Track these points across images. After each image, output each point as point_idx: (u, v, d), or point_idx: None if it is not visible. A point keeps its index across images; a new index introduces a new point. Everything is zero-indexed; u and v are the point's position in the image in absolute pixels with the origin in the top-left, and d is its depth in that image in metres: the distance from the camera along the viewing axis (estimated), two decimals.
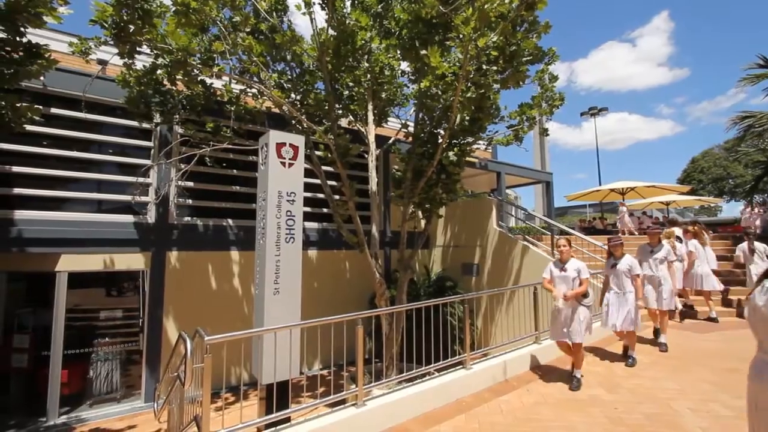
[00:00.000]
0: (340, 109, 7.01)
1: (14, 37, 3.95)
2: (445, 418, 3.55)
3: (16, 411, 5.55)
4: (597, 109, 24.35)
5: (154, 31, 4.89)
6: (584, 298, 4.22)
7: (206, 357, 2.72)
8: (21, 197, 5.51)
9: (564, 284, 4.26)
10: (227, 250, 7.00)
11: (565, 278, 4.26)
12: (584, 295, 4.22)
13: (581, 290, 4.18)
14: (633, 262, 4.78)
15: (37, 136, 5.61)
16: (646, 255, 5.47)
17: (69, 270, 5.66)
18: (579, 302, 4.19)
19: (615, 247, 4.88)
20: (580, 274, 4.22)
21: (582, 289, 4.18)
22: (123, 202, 6.21)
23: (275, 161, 4.16)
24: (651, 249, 5.48)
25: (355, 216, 6.49)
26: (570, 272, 4.25)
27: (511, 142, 7.59)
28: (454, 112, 5.51)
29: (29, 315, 5.97)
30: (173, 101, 5.96)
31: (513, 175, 12.55)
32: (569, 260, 4.32)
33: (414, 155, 6.61)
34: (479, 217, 9.02)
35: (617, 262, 4.80)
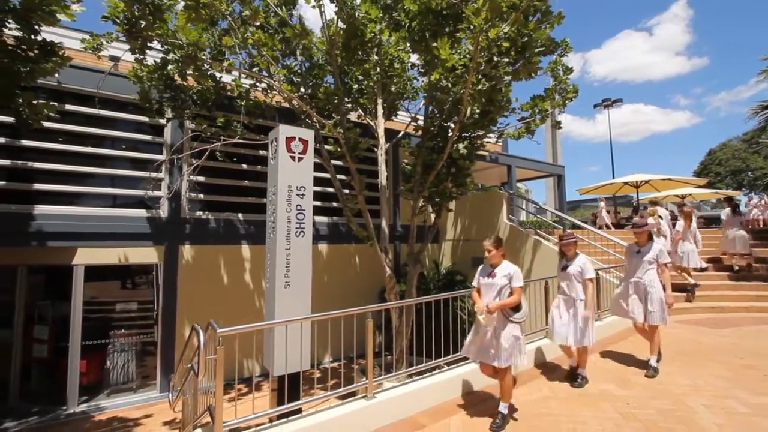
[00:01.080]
0: (349, 102, 6.99)
1: (29, 35, 4.01)
2: (455, 411, 3.56)
3: (38, 399, 5.73)
4: (611, 100, 23.86)
5: (165, 27, 4.92)
6: (515, 312, 3.29)
7: (219, 349, 2.76)
8: (39, 192, 5.64)
9: (491, 294, 3.34)
10: (238, 244, 7.08)
11: (492, 286, 3.34)
12: (515, 308, 3.30)
13: (508, 302, 3.24)
14: (586, 264, 4.07)
15: (53, 133, 5.71)
16: (631, 256, 4.55)
17: (85, 263, 5.80)
18: (507, 317, 3.28)
19: (566, 245, 4.18)
20: (511, 281, 3.29)
21: (510, 301, 3.25)
22: (136, 196, 6.32)
23: (285, 155, 4.17)
24: (638, 249, 4.49)
25: (364, 210, 6.50)
26: (498, 279, 3.32)
27: (522, 135, 7.49)
28: (464, 105, 5.45)
29: (48, 307, 6.14)
30: (184, 96, 6.01)
31: (524, 168, 12.42)
32: (500, 264, 3.40)
33: (424, 149, 6.57)
34: (490, 211, 8.95)
35: (568, 264, 4.13)
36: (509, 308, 3.29)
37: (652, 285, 4.30)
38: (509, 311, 3.29)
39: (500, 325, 3.29)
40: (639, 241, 4.49)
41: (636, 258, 4.45)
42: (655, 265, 4.33)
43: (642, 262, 4.38)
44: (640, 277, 4.37)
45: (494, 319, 3.28)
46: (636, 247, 4.49)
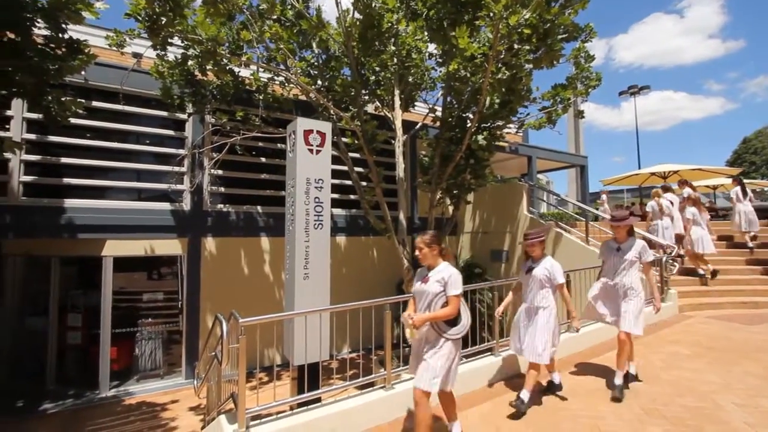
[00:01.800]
0: (366, 94, 6.96)
1: (57, 34, 4.14)
2: (474, 403, 3.55)
3: (73, 383, 6.03)
4: (638, 87, 22.94)
5: (185, 22, 5.00)
6: (449, 326, 2.64)
7: (241, 338, 2.83)
8: (69, 186, 5.86)
9: (423, 302, 2.71)
10: (258, 236, 7.21)
11: (424, 293, 2.70)
12: (450, 322, 2.64)
13: (439, 314, 2.59)
14: (554, 267, 3.48)
15: (80, 129, 5.91)
16: (609, 254, 3.85)
17: (114, 255, 6.02)
18: (440, 333, 2.63)
19: (530, 245, 3.54)
20: (446, 288, 2.63)
21: (440, 314, 2.59)
22: (160, 190, 6.49)
23: (303, 148, 4.19)
24: (617, 246, 3.78)
25: (382, 202, 6.49)
26: (431, 285, 2.67)
27: (543, 125, 7.31)
28: (483, 95, 5.35)
29: (81, 296, 6.42)
30: (204, 91, 6.11)
31: (545, 159, 12.13)
32: (436, 267, 2.73)
33: (442, 140, 6.50)
34: (509, 203, 8.81)
35: (534, 266, 3.51)
36: (443, 322, 2.63)
37: (633, 288, 3.67)
38: (442, 325, 2.63)
39: (432, 341, 2.66)
40: (618, 236, 3.80)
41: (615, 256, 3.77)
42: (637, 265, 3.70)
43: (622, 261, 3.71)
44: (620, 280, 3.71)
45: (423, 334, 2.68)
46: (615, 243, 3.82)
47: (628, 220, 3.75)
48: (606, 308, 3.86)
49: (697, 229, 7.25)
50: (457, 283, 2.66)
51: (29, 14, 3.84)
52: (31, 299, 6.34)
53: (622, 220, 3.76)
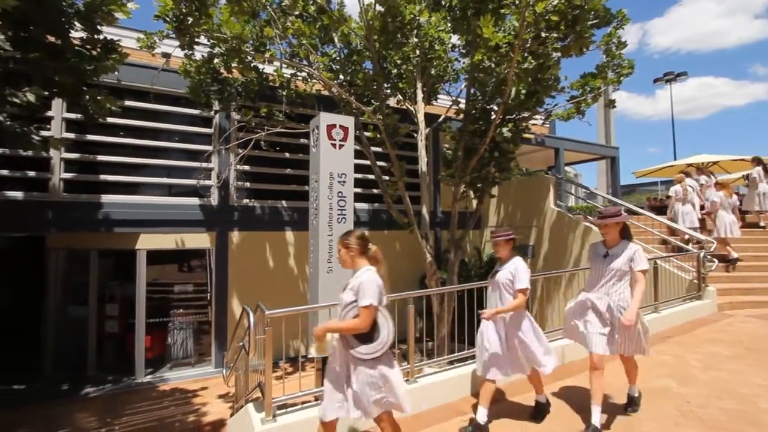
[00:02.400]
0: (388, 88, 6.92)
1: (92, 35, 4.31)
2: (498, 400, 3.50)
3: (111, 369, 6.36)
4: (674, 74, 21.79)
5: (210, 22, 5.10)
6: (361, 343, 2.22)
7: (267, 330, 2.90)
8: (105, 183, 6.14)
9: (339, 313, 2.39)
10: (283, 230, 7.34)
11: (341, 303, 2.37)
12: (362, 337, 2.23)
13: (341, 326, 2.26)
14: (520, 269, 2.96)
15: (114, 127, 6.16)
16: (595, 260, 3.09)
17: (147, 248, 6.28)
18: (348, 350, 2.25)
19: (495, 244, 3.11)
20: (357, 296, 2.25)
21: (341, 326, 2.25)
22: (190, 186, 6.71)
23: (326, 143, 4.22)
24: (605, 251, 3.01)
25: (404, 196, 6.47)
26: (346, 293, 2.34)
27: (572, 115, 7.06)
28: (508, 86, 5.21)
29: (117, 287, 6.74)
30: (230, 89, 6.24)
31: (573, 151, 11.74)
32: (359, 270, 2.39)
33: (465, 133, 6.39)
34: (535, 197, 8.59)
35: (499, 269, 3.09)
36: (352, 337, 2.23)
37: (624, 308, 2.85)
38: (351, 341, 2.23)
39: (342, 361, 2.29)
40: (607, 238, 3.03)
41: (601, 264, 2.99)
42: (628, 276, 2.92)
43: (609, 270, 2.92)
44: (606, 294, 2.93)
45: (332, 350, 2.33)
46: (603, 248, 3.04)
47: (619, 217, 2.97)
48: (589, 330, 2.95)
49: (724, 213, 7.17)
50: (369, 292, 2.22)
51: (67, 17, 4.01)
52: (72, 290, 6.71)
53: (610, 216, 2.97)
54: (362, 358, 2.22)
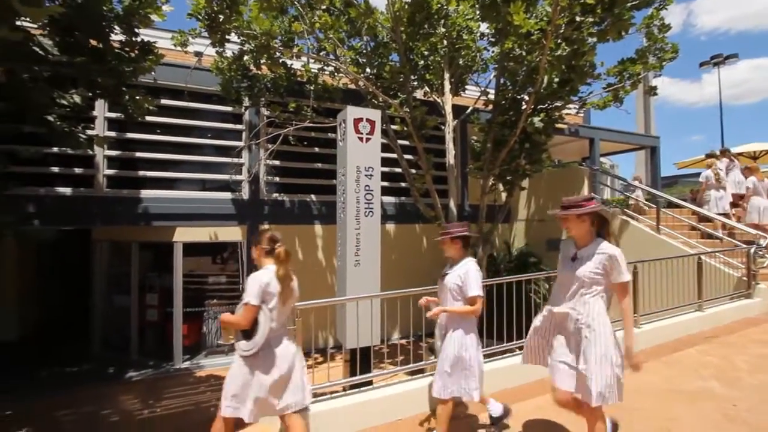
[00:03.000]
0: (415, 80, 6.84)
1: (131, 38, 4.51)
2: (528, 395, 3.44)
3: (152, 355, 6.73)
4: (723, 56, 20.30)
5: (240, 18, 5.21)
6: (243, 339, 2.34)
7: (297, 320, 2.97)
8: (144, 178, 6.44)
9: None
10: (311, 224, 7.46)
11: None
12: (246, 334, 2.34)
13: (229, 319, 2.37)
14: (470, 273, 2.63)
15: (151, 125, 6.43)
16: (563, 265, 2.44)
17: (183, 241, 6.56)
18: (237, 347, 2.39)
19: (442, 243, 2.82)
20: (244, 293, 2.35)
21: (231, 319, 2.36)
22: (222, 181, 6.93)
23: (353, 136, 4.23)
24: (574, 253, 2.36)
25: (432, 190, 6.41)
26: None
27: (608, 104, 6.74)
28: (540, 74, 5.02)
29: (156, 278, 7.09)
30: (259, 85, 6.37)
31: (610, 141, 11.22)
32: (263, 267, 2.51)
33: (494, 124, 6.23)
34: (568, 189, 8.30)
35: (448, 272, 2.79)
36: (239, 332, 2.35)
37: (591, 326, 2.20)
38: (238, 335, 2.35)
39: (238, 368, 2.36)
40: (572, 234, 2.38)
41: (569, 269, 2.34)
42: (599, 287, 2.25)
43: (575, 278, 2.28)
44: (573, 308, 2.28)
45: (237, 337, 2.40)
46: (573, 248, 2.38)
47: (583, 208, 2.26)
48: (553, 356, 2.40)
49: (757, 198, 7.00)
50: (250, 289, 2.30)
51: (107, 21, 4.21)
52: (116, 280, 7.12)
53: (571, 207, 2.29)
54: (241, 354, 2.34)
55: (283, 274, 2.44)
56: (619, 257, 2.24)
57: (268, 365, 2.35)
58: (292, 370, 2.43)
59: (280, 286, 2.40)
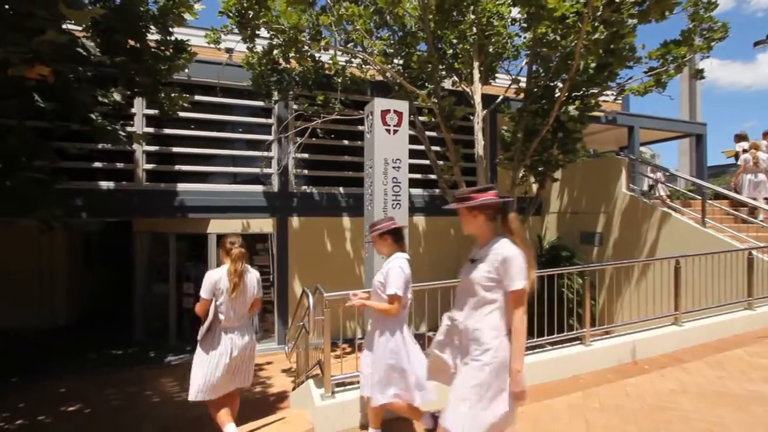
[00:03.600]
0: (443, 69, 6.71)
1: (165, 37, 4.66)
2: (559, 393, 3.35)
3: (189, 340, 7.05)
4: None
5: (269, 13, 5.27)
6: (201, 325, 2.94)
7: (326, 311, 3.02)
8: (179, 173, 6.70)
9: None
10: (339, 216, 7.54)
11: None
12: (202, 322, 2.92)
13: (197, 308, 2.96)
14: (391, 270, 2.48)
15: (185, 121, 6.66)
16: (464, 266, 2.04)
17: (216, 232, 6.79)
18: None
19: (374, 241, 2.69)
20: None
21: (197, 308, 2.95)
22: (253, 174, 7.11)
23: (380, 128, 4.21)
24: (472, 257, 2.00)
25: (460, 181, 6.31)
26: None
27: (650, 89, 6.36)
28: (576, 60, 4.80)
29: (192, 267, 7.40)
30: (288, 78, 6.45)
31: (650, 128, 10.62)
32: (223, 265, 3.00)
33: (526, 113, 6.03)
34: (604, 180, 7.94)
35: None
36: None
37: (477, 339, 1.86)
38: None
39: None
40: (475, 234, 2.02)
41: (465, 273, 2.01)
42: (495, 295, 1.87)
43: (468, 282, 1.95)
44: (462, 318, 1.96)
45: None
46: (475, 248, 2.04)
47: (472, 201, 1.93)
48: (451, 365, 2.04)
49: None
50: (204, 286, 2.88)
51: (144, 22, 4.37)
52: (156, 269, 7.49)
53: (461, 199, 1.97)
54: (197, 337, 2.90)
55: (233, 271, 2.85)
56: (512, 260, 1.83)
57: (218, 350, 2.85)
58: (244, 359, 2.96)
59: (229, 283, 2.83)
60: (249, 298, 2.97)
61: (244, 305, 2.94)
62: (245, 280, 2.91)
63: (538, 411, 3.06)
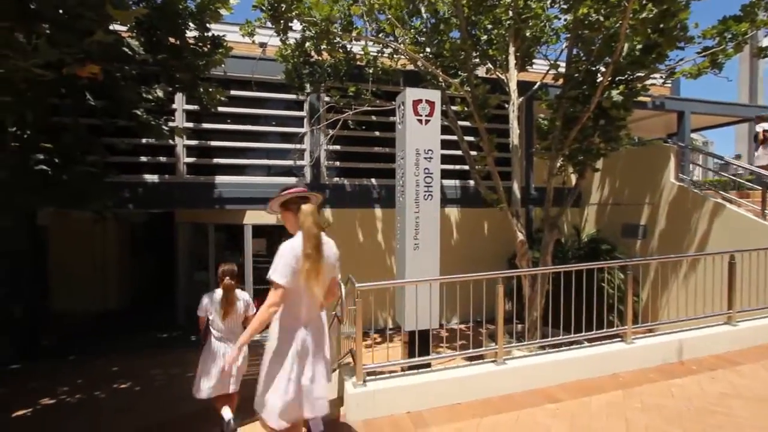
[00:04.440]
0: (477, 56, 6.51)
1: (203, 33, 4.81)
2: (597, 390, 3.23)
3: None
4: None
5: (301, 6, 5.31)
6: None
7: (357, 301, 3.05)
8: (217, 165, 6.95)
9: None
10: (371, 207, 7.57)
11: None
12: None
13: None
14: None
15: (222, 115, 6.87)
16: None
17: (252, 223, 7.02)
18: None
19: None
20: None
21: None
22: (286, 166, 7.26)
23: (412, 119, 4.16)
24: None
25: (494, 172, 6.14)
26: None
27: (704, 71, 5.86)
28: (620, 41, 4.51)
29: (230, 256, 7.70)
30: (320, 71, 6.49)
31: (703, 113, 9.85)
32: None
33: (565, 100, 5.75)
34: (650, 169, 7.48)
35: None
36: None
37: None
38: None
39: None
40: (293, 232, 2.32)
41: None
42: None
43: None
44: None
45: None
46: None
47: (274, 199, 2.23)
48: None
49: None
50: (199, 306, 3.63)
51: (183, 19, 4.52)
52: (197, 258, 7.85)
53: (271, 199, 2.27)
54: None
55: (223, 299, 3.49)
56: (278, 252, 2.04)
57: (210, 358, 3.44)
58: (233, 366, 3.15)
59: (220, 307, 3.46)
60: (239, 316, 3.58)
61: (231, 322, 3.53)
62: (236, 306, 3.54)
63: (575, 408, 2.96)
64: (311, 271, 2.08)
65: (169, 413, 4.42)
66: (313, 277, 2.10)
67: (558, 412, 2.90)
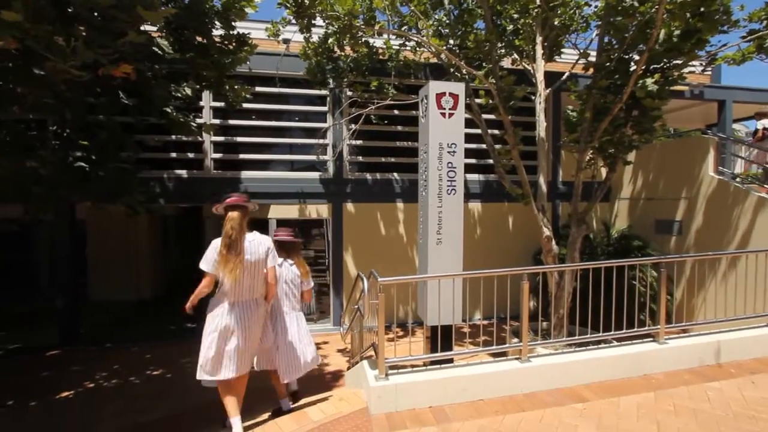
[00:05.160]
0: (502, 47, 6.35)
1: (228, 31, 4.89)
2: (626, 391, 3.12)
3: None
4: None
5: (324, 1, 5.32)
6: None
7: (380, 295, 3.06)
8: (243, 161, 7.11)
9: None
10: (393, 201, 7.56)
11: None
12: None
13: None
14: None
15: (247, 111, 6.99)
16: None
17: (276, 217, 7.15)
18: None
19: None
20: None
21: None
22: (309, 161, 7.34)
23: (435, 112, 4.11)
24: None
25: (519, 166, 6.00)
26: None
27: (749, 57, 5.51)
28: (656, 28, 4.29)
29: None
30: (343, 66, 6.51)
31: (746, 102, 9.27)
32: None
33: (595, 90, 5.53)
34: (687, 162, 7.12)
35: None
36: None
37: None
38: None
39: None
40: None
41: None
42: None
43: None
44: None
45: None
46: None
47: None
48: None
49: None
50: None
51: (210, 18, 4.62)
52: None
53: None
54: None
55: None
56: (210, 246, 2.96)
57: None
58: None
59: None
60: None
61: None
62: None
63: (603, 408, 2.88)
64: (222, 263, 2.82)
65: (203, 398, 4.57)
66: (228, 269, 2.81)
67: (585, 412, 2.82)
